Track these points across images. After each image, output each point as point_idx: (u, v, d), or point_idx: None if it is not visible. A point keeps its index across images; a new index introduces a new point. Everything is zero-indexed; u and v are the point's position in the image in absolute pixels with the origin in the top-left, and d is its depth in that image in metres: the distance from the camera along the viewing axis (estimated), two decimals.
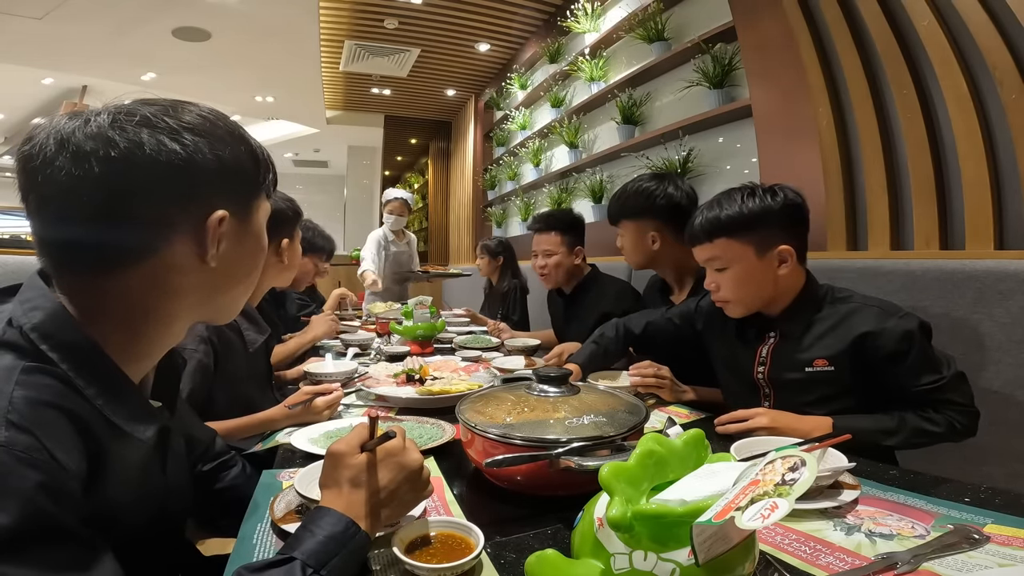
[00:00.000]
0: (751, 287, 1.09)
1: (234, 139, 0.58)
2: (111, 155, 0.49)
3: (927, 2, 1.49)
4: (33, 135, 0.51)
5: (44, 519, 0.41)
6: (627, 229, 1.61)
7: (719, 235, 1.08)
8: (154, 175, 0.51)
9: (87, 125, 0.50)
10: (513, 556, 0.61)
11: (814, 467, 0.44)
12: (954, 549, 0.59)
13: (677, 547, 0.45)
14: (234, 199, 0.58)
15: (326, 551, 0.52)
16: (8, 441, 0.41)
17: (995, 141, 1.40)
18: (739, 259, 1.07)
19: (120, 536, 0.48)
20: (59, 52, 4.85)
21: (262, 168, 0.62)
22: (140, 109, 0.52)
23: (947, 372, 0.97)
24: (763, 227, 1.05)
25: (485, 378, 1.40)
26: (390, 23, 4.41)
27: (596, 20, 3.48)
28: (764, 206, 1.05)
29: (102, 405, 0.50)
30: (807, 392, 1.05)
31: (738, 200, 1.07)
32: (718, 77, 2.36)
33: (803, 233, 1.09)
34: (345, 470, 0.60)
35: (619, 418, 0.78)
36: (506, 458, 0.71)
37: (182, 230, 0.54)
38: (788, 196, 1.06)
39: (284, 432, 1.08)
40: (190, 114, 0.55)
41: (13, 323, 0.50)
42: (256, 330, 1.31)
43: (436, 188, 7.21)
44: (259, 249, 0.64)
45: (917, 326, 0.98)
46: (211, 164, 0.54)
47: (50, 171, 0.49)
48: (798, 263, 1.08)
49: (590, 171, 3.55)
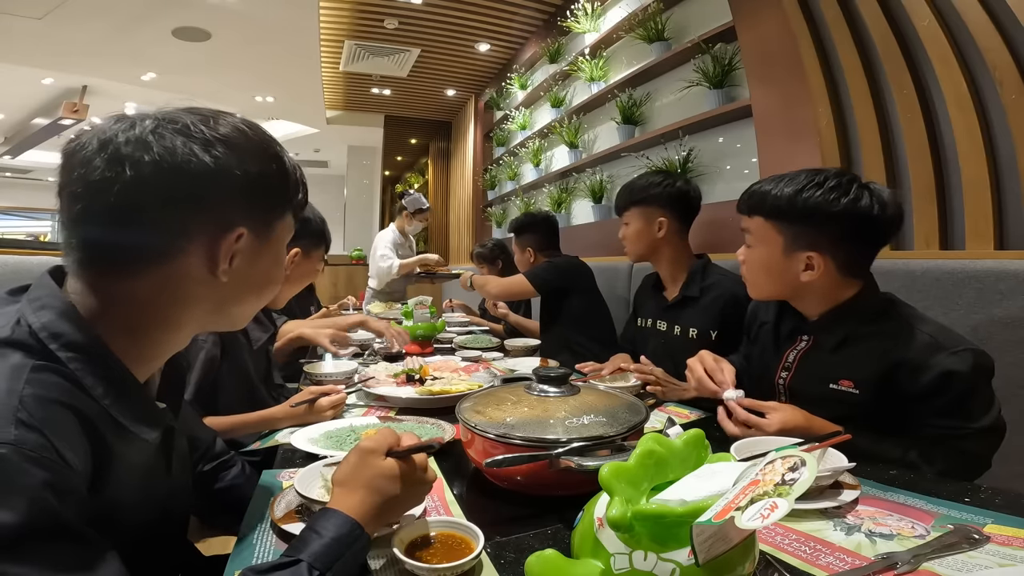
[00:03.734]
0: (765, 277, 1.03)
1: (267, 155, 0.58)
2: (143, 160, 0.50)
3: (927, 2, 1.49)
4: (81, 134, 0.52)
5: (50, 518, 0.41)
6: (634, 216, 1.64)
7: (756, 213, 1.01)
8: (180, 183, 0.51)
9: (131, 129, 0.51)
10: (513, 556, 0.61)
11: (814, 467, 0.44)
12: (954, 549, 0.59)
13: (677, 547, 0.45)
14: (255, 216, 0.57)
15: (332, 553, 0.52)
16: (17, 440, 0.41)
17: (995, 141, 1.40)
18: (766, 244, 1.00)
19: (123, 536, 0.48)
20: (59, 52, 4.85)
21: (291, 187, 0.61)
22: (182, 117, 0.53)
23: (980, 423, 0.86)
24: (806, 225, 0.95)
25: (485, 378, 1.40)
26: (390, 23, 4.41)
27: (596, 20, 3.48)
28: (819, 203, 0.92)
29: (109, 405, 0.51)
30: (824, 408, 0.94)
31: (800, 184, 0.95)
32: (718, 77, 2.36)
33: (860, 243, 0.96)
34: (366, 470, 0.60)
35: (619, 418, 0.78)
36: (506, 458, 0.71)
37: (198, 241, 0.54)
38: (860, 202, 0.91)
39: (284, 432, 1.08)
40: (227, 126, 0.55)
41: (22, 322, 0.50)
42: (260, 328, 1.31)
43: (436, 188, 7.20)
44: (275, 267, 0.63)
45: (969, 367, 0.84)
46: (237, 178, 0.54)
47: (86, 170, 0.50)
48: (845, 275, 0.96)
49: (590, 171, 3.55)
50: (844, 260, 0.96)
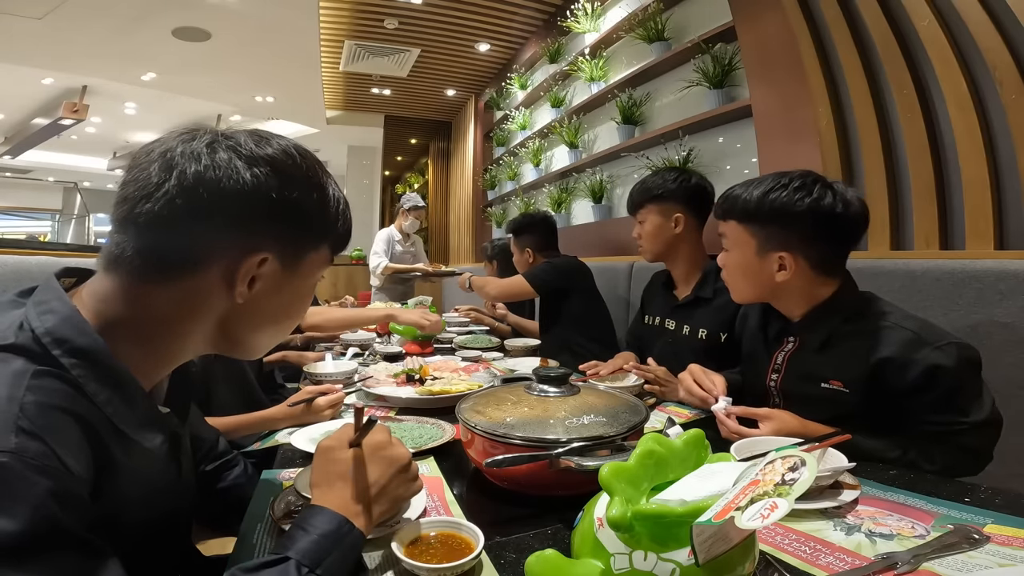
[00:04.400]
0: (743, 279, 1.06)
1: (309, 183, 0.57)
2: (189, 169, 0.51)
3: (927, 2, 1.49)
4: (154, 142, 0.53)
5: (53, 526, 0.40)
6: (650, 213, 1.61)
7: (730, 216, 1.05)
8: (215, 196, 0.51)
9: (191, 140, 0.52)
10: (513, 556, 0.61)
11: (814, 467, 0.44)
12: (954, 549, 0.59)
13: (677, 547, 0.45)
14: (285, 242, 0.57)
15: (320, 549, 0.52)
16: (19, 448, 0.41)
17: (995, 141, 1.40)
18: (740, 247, 1.04)
19: (125, 539, 0.48)
20: (59, 52, 4.86)
21: (329, 220, 0.60)
22: (238, 135, 0.54)
23: (974, 417, 0.86)
24: (775, 225, 0.98)
25: (485, 378, 1.41)
26: (390, 23, 4.41)
27: (596, 20, 3.48)
28: (784, 203, 0.96)
29: (111, 412, 0.50)
30: (819, 409, 0.95)
31: (767, 187, 0.99)
32: (718, 77, 2.36)
33: (829, 242, 0.98)
34: (334, 465, 0.60)
35: (619, 418, 0.78)
36: (506, 458, 0.71)
37: (221, 257, 0.53)
38: (823, 201, 0.95)
39: (284, 432, 1.08)
40: (275, 147, 0.55)
41: (25, 326, 0.49)
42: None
43: (436, 188, 7.20)
44: (298, 300, 0.62)
45: (955, 361, 0.85)
46: (272, 201, 0.53)
47: (141, 174, 0.51)
48: (819, 274, 0.99)
49: (590, 171, 3.55)
50: (817, 259, 0.99)
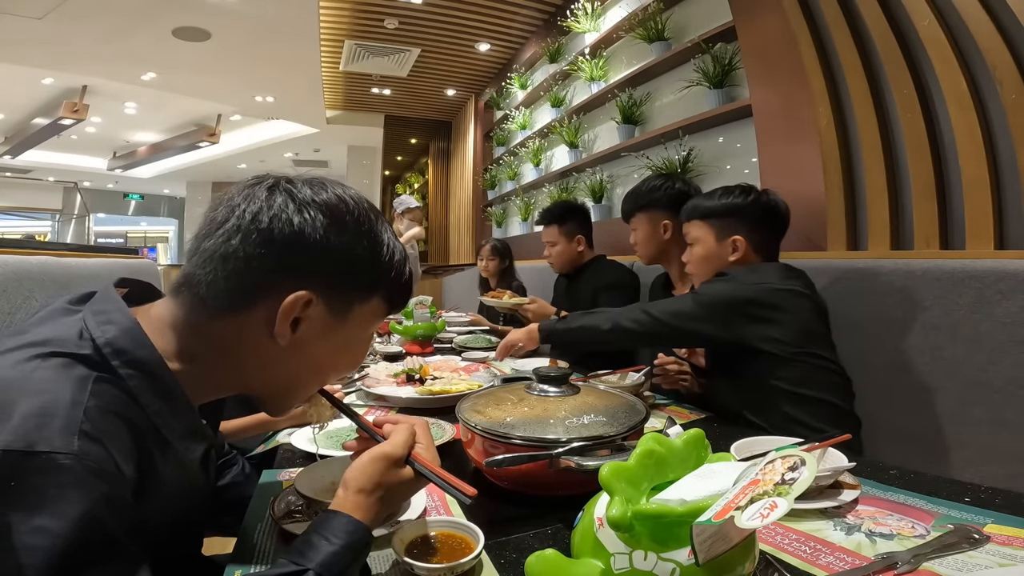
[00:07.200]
0: (706, 265, 1.30)
1: (358, 231, 0.57)
2: (247, 210, 0.53)
3: (927, 2, 1.49)
4: (234, 185, 0.57)
5: (101, 530, 0.42)
6: (641, 222, 1.72)
7: (695, 217, 1.33)
8: (264, 237, 0.53)
9: (258, 184, 0.55)
10: (513, 556, 0.61)
11: (814, 467, 0.44)
12: (954, 549, 0.59)
13: (677, 547, 0.45)
14: (332, 288, 0.57)
15: (342, 562, 0.50)
16: (81, 451, 0.42)
17: (995, 141, 1.39)
18: (703, 240, 1.31)
19: (153, 544, 0.48)
20: (59, 52, 4.86)
21: (380, 271, 0.59)
22: (300, 179, 0.57)
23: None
24: (730, 217, 1.27)
25: (485, 378, 1.40)
26: (390, 23, 4.42)
27: (596, 20, 3.48)
28: (736, 201, 1.27)
29: (160, 423, 0.51)
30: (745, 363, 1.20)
31: (722, 193, 1.30)
32: (718, 77, 2.36)
33: (764, 229, 1.27)
34: (391, 479, 0.57)
35: (619, 418, 0.78)
36: (506, 458, 0.71)
37: (268, 297, 0.54)
38: (761, 199, 1.27)
39: (284, 432, 1.08)
40: (330, 193, 0.56)
41: (84, 335, 0.50)
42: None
43: (436, 188, 7.20)
44: (345, 351, 0.62)
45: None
46: (319, 245, 0.54)
47: (212, 212, 0.55)
48: (757, 253, 1.28)
49: (590, 171, 3.55)
50: (757, 243, 1.27)
